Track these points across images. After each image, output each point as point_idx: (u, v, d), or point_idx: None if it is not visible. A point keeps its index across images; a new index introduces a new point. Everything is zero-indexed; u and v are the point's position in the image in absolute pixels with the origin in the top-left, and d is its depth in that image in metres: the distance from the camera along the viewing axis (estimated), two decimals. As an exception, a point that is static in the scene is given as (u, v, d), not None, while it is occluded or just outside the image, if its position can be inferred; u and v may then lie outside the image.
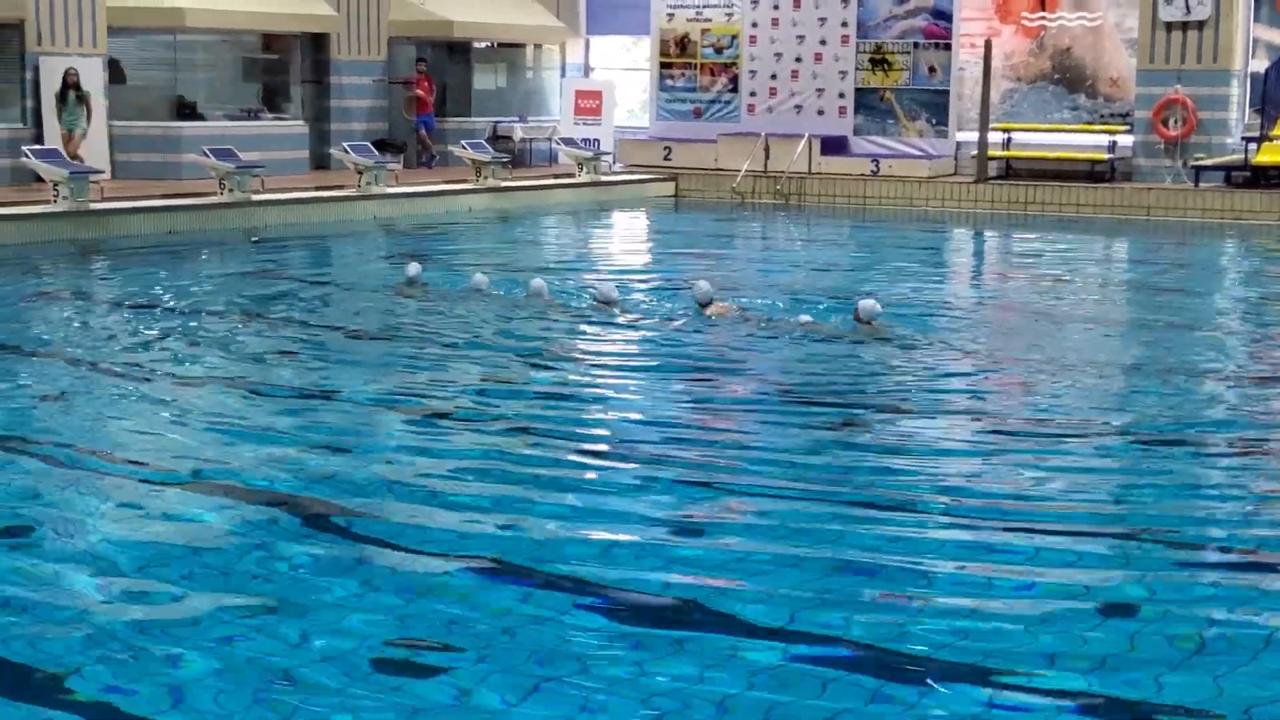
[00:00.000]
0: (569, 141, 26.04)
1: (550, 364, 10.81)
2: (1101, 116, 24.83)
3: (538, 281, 13.33)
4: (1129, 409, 9.49)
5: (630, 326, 12.36)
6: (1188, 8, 23.42)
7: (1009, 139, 24.92)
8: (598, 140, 26.59)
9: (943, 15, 25.38)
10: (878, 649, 5.32)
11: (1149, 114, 23.73)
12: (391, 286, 14.10)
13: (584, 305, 13.09)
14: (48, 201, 18.26)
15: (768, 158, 25.25)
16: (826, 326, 11.96)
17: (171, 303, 13.26)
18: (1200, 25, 23.55)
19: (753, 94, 27.07)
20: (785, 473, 7.70)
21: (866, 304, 11.82)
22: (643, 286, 14.66)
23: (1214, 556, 6.59)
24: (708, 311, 12.44)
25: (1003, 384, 10.48)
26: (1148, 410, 9.35)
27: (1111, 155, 24.13)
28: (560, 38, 28.86)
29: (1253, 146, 22.80)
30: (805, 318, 12.12)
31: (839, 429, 8.83)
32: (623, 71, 29.77)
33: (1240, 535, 6.86)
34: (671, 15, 27.67)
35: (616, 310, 12.69)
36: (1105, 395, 10.00)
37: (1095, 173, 23.97)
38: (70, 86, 20.85)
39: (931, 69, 25.58)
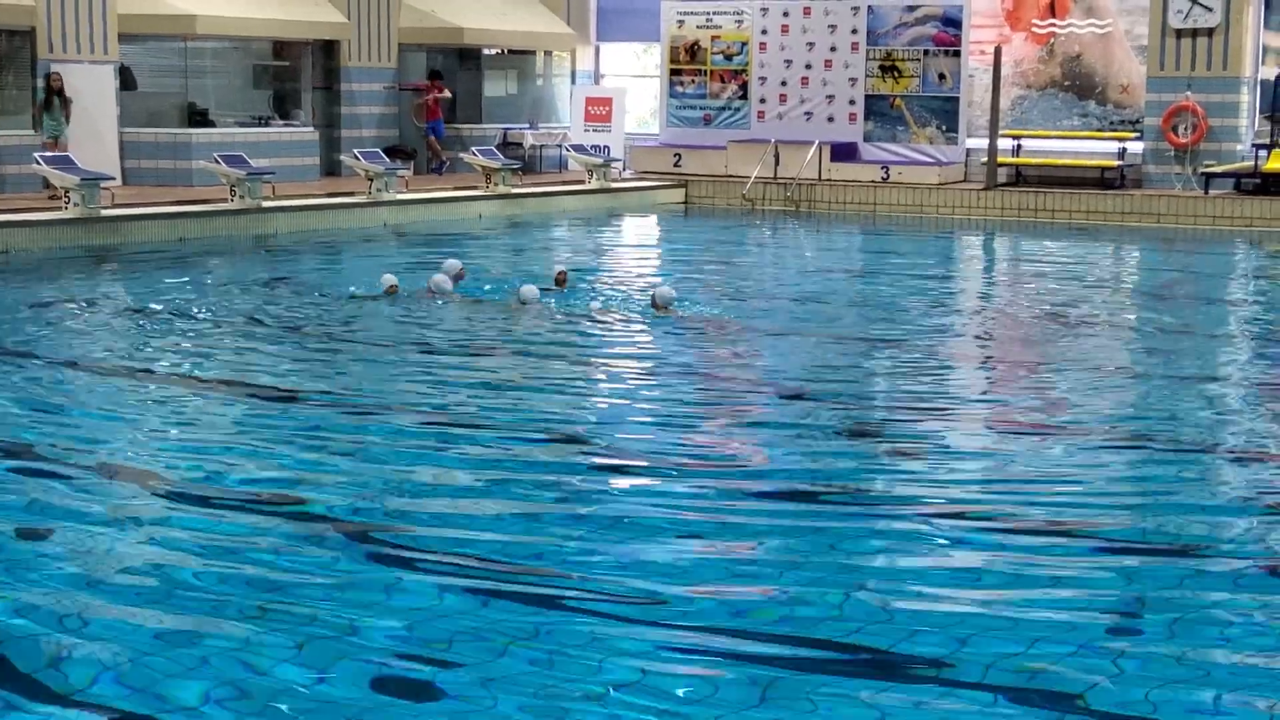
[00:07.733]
0: (579, 148, 26.07)
1: (562, 368, 10.83)
2: (1111, 123, 24.82)
3: (528, 288, 13.42)
4: (1137, 415, 9.48)
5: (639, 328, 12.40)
6: (1206, 7, 23.37)
7: (1019, 146, 24.92)
8: (608, 147, 26.61)
9: (952, 22, 25.39)
10: (880, 653, 5.31)
11: (1159, 121, 23.73)
12: (410, 294, 14.15)
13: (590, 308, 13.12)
14: (59, 208, 18.31)
15: (778, 164, 25.27)
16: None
17: (182, 309, 13.28)
18: (1210, 32, 23.54)
19: (763, 101, 27.10)
20: (796, 475, 7.72)
21: (662, 291, 13.08)
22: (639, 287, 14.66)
23: (1225, 565, 6.57)
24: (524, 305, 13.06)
25: (1008, 388, 10.46)
26: (1156, 417, 9.35)
27: (1121, 162, 24.12)
28: (570, 44, 28.89)
29: (1263, 153, 22.78)
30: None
31: (846, 433, 8.84)
32: (633, 78, 29.80)
33: (1251, 545, 6.84)
34: (681, 22, 27.70)
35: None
36: (1113, 401, 9.98)
37: (1105, 179, 23.95)
38: (54, 92, 20.36)
39: (941, 76, 25.59)
